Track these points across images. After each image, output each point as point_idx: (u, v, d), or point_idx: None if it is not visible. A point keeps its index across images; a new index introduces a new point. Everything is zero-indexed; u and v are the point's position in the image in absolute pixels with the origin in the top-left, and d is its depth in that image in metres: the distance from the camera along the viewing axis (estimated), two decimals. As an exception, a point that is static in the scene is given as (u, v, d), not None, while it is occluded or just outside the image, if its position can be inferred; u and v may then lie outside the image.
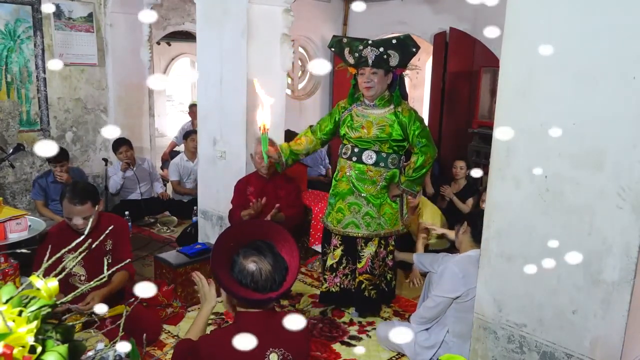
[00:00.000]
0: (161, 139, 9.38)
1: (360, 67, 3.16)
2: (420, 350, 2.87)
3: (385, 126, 3.17)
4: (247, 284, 1.72)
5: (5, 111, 4.90)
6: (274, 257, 1.76)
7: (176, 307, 3.39)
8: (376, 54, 3.09)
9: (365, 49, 3.11)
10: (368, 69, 3.13)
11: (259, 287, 1.72)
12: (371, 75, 3.14)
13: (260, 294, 1.72)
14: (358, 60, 3.15)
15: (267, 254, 1.75)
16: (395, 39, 3.12)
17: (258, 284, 1.72)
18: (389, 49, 3.09)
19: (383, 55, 3.09)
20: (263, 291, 1.72)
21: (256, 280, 1.71)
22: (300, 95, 6.99)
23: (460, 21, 6.09)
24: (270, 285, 1.73)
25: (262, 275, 1.72)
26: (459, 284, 2.72)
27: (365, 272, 3.37)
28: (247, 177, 3.80)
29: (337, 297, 3.48)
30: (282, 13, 3.92)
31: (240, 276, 1.72)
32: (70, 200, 2.83)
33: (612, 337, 1.94)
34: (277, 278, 1.74)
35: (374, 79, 3.14)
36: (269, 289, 1.72)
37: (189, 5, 6.43)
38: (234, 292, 1.72)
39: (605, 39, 1.85)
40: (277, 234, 1.85)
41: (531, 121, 2.06)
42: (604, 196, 1.90)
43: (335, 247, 3.42)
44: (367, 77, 3.14)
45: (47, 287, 0.95)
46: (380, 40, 3.20)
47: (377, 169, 3.22)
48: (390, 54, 3.09)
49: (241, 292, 1.72)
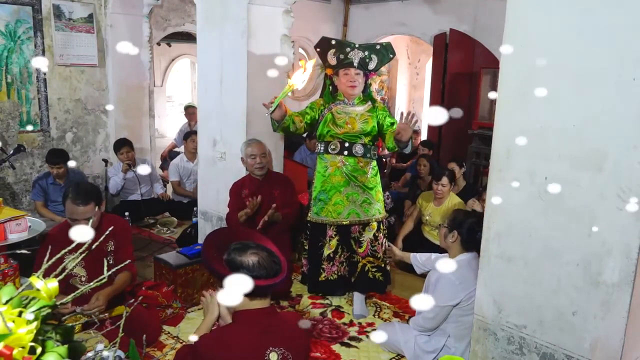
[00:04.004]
0: (161, 140, 9.37)
1: (345, 68, 3.41)
2: (421, 353, 2.86)
3: (368, 119, 3.44)
4: (257, 275, 1.78)
5: (5, 112, 4.90)
6: (262, 247, 1.87)
7: (176, 308, 3.38)
8: (361, 56, 3.39)
9: (352, 51, 3.40)
10: (353, 70, 3.40)
11: (269, 272, 1.80)
12: (355, 75, 3.41)
13: (271, 279, 1.81)
14: (342, 61, 3.41)
15: (255, 245, 1.86)
16: (379, 44, 3.51)
17: (267, 270, 1.80)
18: (372, 53, 3.42)
19: (366, 59, 3.40)
20: (274, 275, 1.82)
21: (263, 267, 1.80)
22: (300, 96, 6.99)
23: (460, 22, 6.10)
24: (275, 268, 1.83)
25: (266, 261, 1.81)
26: (458, 291, 2.71)
27: (367, 256, 3.55)
28: (241, 180, 3.82)
29: (336, 285, 3.61)
30: (282, 14, 3.92)
31: (248, 270, 1.78)
32: (74, 200, 2.82)
33: (612, 338, 1.94)
34: (277, 260, 1.86)
35: (357, 79, 3.42)
36: (275, 271, 1.83)
37: (189, 6, 6.43)
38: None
39: (605, 39, 1.85)
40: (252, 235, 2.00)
41: (531, 122, 2.07)
42: (604, 198, 1.90)
43: (331, 237, 3.54)
44: (352, 77, 3.40)
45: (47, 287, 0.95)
46: (366, 45, 3.55)
47: (365, 159, 3.46)
48: (371, 58, 3.42)
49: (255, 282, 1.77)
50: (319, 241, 3.60)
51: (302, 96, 7.01)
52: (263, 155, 3.69)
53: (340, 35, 7.27)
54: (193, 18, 6.22)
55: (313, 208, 3.56)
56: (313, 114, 3.49)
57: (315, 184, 3.53)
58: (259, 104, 3.86)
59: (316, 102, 3.55)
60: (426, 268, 3.16)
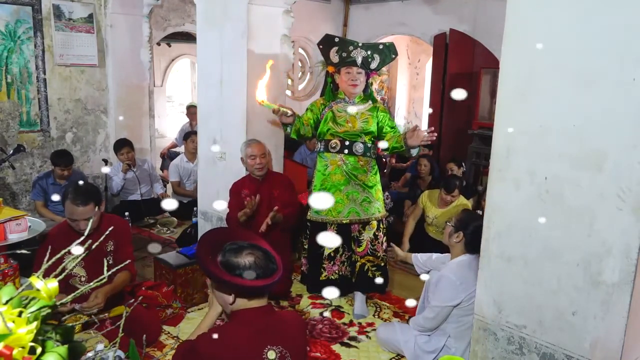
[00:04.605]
0: (161, 140, 9.37)
1: (347, 67, 3.41)
2: (421, 353, 2.86)
3: (368, 118, 3.45)
4: (254, 276, 1.76)
5: (5, 112, 4.90)
6: (257, 246, 1.83)
7: (176, 308, 3.38)
8: (363, 55, 3.39)
9: (355, 49, 3.40)
10: (355, 69, 3.40)
11: (266, 272, 1.77)
12: (357, 74, 3.41)
13: (268, 279, 1.78)
14: (345, 59, 3.40)
15: (249, 246, 1.82)
16: (382, 44, 3.51)
17: (263, 270, 1.77)
18: (374, 53, 3.42)
19: (368, 58, 3.40)
20: (270, 274, 1.78)
21: (260, 267, 1.77)
22: (300, 97, 6.99)
23: (460, 22, 6.10)
24: (271, 267, 1.80)
25: (262, 261, 1.78)
26: (459, 291, 2.71)
27: (366, 255, 3.55)
28: (240, 180, 3.82)
29: (337, 284, 3.60)
30: (282, 14, 3.92)
31: (244, 270, 1.75)
32: (73, 201, 2.82)
33: (611, 338, 1.94)
34: (272, 259, 1.82)
35: (359, 77, 3.43)
36: (271, 270, 1.79)
37: (189, 6, 6.43)
38: (246, 285, 1.75)
39: (605, 39, 1.85)
40: (245, 235, 1.95)
41: (531, 122, 2.07)
42: (604, 197, 1.90)
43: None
44: (354, 76, 3.41)
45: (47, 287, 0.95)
46: (369, 44, 3.56)
47: (365, 158, 3.47)
48: (374, 57, 3.42)
49: (252, 283, 1.76)
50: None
51: (302, 96, 7.01)
52: (263, 155, 3.69)
53: (340, 35, 7.27)
54: (193, 18, 6.21)
55: (312, 207, 3.57)
56: (314, 115, 3.50)
57: (315, 182, 3.53)
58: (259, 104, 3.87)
59: (315, 103, 3.55)
60: (427, 268, 3.16)
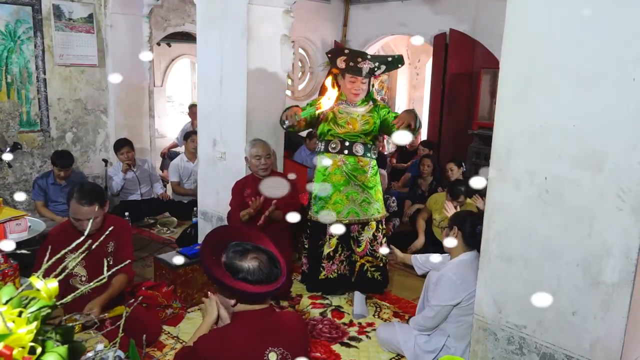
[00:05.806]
0: (161, 140, 9.36)
1: (352, 75, 3.45)
2: (421, 353, 2.86)
3: (369, 119, 3.48)
4: (256, 281, 1.74)
5: (5, 112, 4.90)
6: (262, 249, 1.81)
7: (176, 308, 3.38)
8: (370, 66, 3.44)
9: (363, 61, 3.43)
10: (360, 79, 3.45)
11: (269, 278, 1.76)
12: (361, 84, 3.47)
13: (272, 285, 1.76)
14: (352, 68, 3.45)
15: (254, 248, 1.80)
16: (391, 57, 3.55)
17: (267, 275, 1.75)
18: (382, 64, 3.47)
19: (375, 69, 3.46)
20: (274, 280, 1.77)
21: (264, 272, 1.75)
22: (300, 97, 6.99)
23: (460, 22, 6.10)
24: (275, 272, 1.78)
25: (267, 266, 1.76)
26: (459, 291, 2.72)
27: (365, 255, 3.56)
28: (244, 179, 3.82)
29: (336, 283, 3.62)
30: (282, 14, 3.92)
31: (247, 275, 1.74)
32: (78, 201, 2.84)
33: (611, 338, 1.94)
34: (277, 263, 1.80)
35: (362, 87, 3.49)
36: (275, 276, 1.78)
37: (189, 6, 6.43)
38: (248, 292, 1.74)
39: (605, 39, 1.85)
40: (250, 235, 1.94)
41: (531, 122, 2.07)
42: (604, 198, 1.90)
43: (331, 236, 3.59)
44: (358, 85, 3.47)
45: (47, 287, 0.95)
46: (378, 56, 3.62)
47: (365, 159, 3.49)
48: (380, 67, 3.47)
49: (254, 289, 1.74)
50: (319, 239, 3.62)
51: (302, 96, 7.02)
52: (268, 156, 3.70)
53: (340, 35, 7.27)
54: (193, 18, 6.21)
55: (313, 207, 3.59)
56: (312, 110, 3.48)
57: (315, 182, 3.54)
58: (259, 104, 3.88)
59: (317, 100, 3.54)
60: (426, 268, 3.18)
